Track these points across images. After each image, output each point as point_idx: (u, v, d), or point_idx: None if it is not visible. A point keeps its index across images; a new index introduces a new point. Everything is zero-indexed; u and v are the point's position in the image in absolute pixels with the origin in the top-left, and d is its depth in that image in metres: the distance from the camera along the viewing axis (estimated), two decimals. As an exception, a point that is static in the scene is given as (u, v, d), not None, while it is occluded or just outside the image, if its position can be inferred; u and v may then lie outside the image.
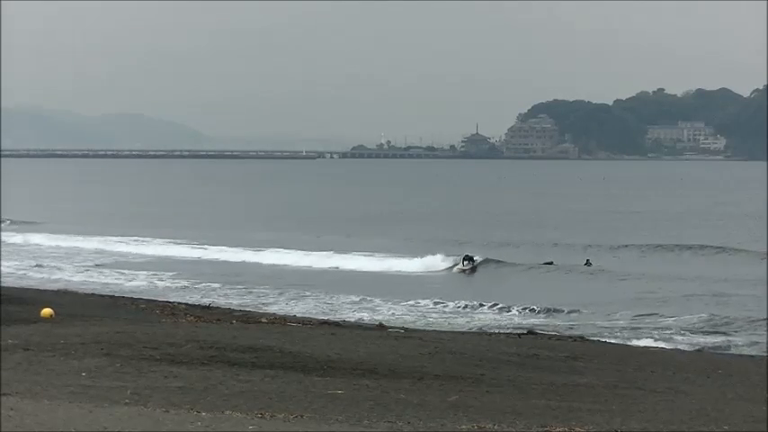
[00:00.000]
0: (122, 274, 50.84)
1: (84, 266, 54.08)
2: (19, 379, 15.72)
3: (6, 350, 18.44)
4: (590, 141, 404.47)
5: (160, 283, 47.69)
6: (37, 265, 51.81)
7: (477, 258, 56.05)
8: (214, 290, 45.21)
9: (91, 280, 48.57)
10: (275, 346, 20.29)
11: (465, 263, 55.23)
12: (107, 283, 47.06)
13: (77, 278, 49.09)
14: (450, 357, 20.55)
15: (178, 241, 67.67)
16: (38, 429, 11.55)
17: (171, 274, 50.72)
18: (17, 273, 49.52)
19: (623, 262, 57.63)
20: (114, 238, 69.10)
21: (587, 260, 56.31)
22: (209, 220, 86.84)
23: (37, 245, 65.55)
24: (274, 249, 61.68)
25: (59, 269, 52.04)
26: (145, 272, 51.52)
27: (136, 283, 47.68)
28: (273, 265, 56.32)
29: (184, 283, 47.64)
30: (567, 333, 32.72)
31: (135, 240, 67.63)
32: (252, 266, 56.07)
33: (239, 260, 58.69)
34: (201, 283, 47.45)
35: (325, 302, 41.80)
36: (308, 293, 44.02)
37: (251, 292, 44.62)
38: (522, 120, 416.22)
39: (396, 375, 18.09)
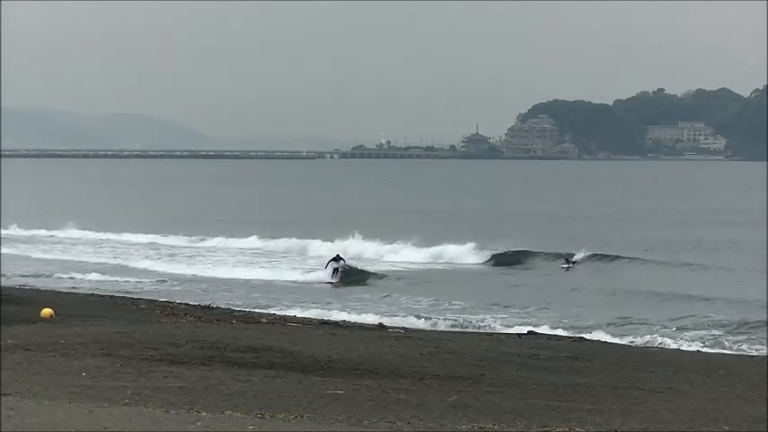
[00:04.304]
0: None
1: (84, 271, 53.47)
2: (19, 379, 15.71)
3: (6, 350, 18.44)
4: (590, 141, 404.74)
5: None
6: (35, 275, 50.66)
7: (343, 263, 50.90)
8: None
9: (91, 281, 48.49)
10: (275, 346, 20.29)
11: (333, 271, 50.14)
12: (107, 284, 46.96)
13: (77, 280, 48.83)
14: (450, 357, 20.54)
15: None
16: (38, 429, 11.54)
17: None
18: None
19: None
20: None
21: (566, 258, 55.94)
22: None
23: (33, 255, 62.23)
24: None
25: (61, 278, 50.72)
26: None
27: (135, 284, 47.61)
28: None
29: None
30: (567, 333, 32.73)
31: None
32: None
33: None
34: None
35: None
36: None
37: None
38: (522, 120, 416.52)
39: (396, 375, 18.08)
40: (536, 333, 31.51)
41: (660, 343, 31.57)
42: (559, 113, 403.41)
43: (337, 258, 51.14)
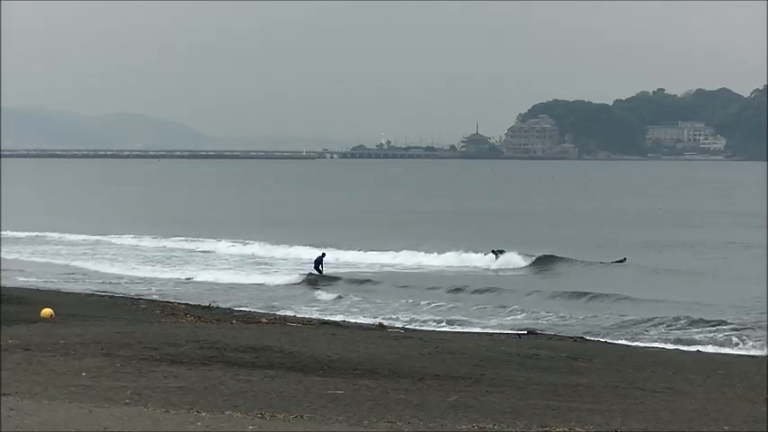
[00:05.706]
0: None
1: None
2: (19, 379, 15.71)
3: (6, 350, 18.44)
4: (590, 141, 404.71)
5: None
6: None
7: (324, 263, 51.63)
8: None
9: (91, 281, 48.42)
10: (275, 346, 20.30)
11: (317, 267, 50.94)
12: (106, 284, 46.89)
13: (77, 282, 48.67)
14: (450, 357, 20.55)
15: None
16: (38, 429, 11.54)
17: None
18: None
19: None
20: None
21: (624, 258, 56.22)
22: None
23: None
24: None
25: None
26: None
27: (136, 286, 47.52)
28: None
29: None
30: (567, 333, 32.70)
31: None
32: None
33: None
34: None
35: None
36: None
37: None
38: (522, 120, 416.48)
39: (396, 375, 18.08)
40: (536, 333, 31.49)
41: (660, 343, 31.53)
42: (559, 113, 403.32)
43: (322, 258, 51.92)
